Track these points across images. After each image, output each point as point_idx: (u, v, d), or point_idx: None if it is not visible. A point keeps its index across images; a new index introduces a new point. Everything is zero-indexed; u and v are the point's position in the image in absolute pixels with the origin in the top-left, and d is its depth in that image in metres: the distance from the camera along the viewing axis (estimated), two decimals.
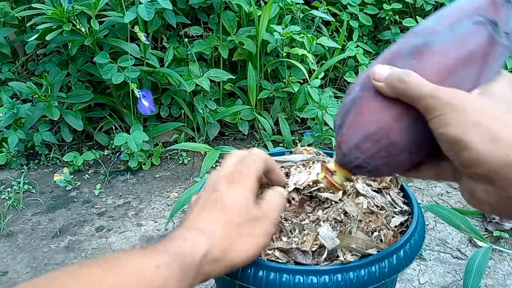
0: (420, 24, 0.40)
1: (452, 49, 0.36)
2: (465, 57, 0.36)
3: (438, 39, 0.37)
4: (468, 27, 0.37)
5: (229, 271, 0.42)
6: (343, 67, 1.51)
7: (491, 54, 0.37)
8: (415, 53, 0.37)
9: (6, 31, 1.35)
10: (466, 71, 0.36)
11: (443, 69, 0.36)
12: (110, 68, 1.15)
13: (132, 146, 1.17)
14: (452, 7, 0.39)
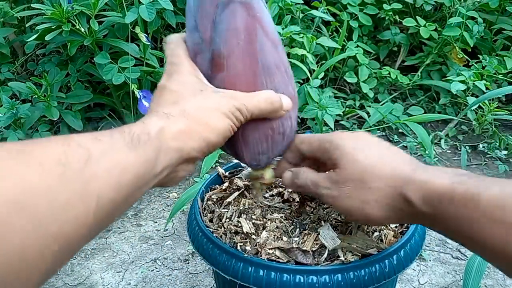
0: (189, 28, 0.44)
1: (237, 49, 0.41)
2: (247, 43, 0.41)
3: (217, 44, 0.42)
4: (224, 18, 0.41)
5: (206, 146, 0.39)
6: (343, 67, 1.51)
7: (253, 12, 0.42)
8: (215, 65, 0.42)
9: (5, 31, 1.34)
10: (258, 48, 0.42)
11: (248, 74, 0.42)
12: (111, 69, 1.15)
13: None
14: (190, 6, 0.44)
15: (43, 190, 0.26)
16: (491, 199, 0.33)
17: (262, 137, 0.45)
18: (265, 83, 0.43)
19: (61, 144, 0.29)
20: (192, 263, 0.96)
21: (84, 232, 0.29)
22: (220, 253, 0.47)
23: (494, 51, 1.54)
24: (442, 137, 1.38)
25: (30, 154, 0.27)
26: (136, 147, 0.33)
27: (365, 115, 1.33)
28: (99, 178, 0.29)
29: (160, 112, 0.38)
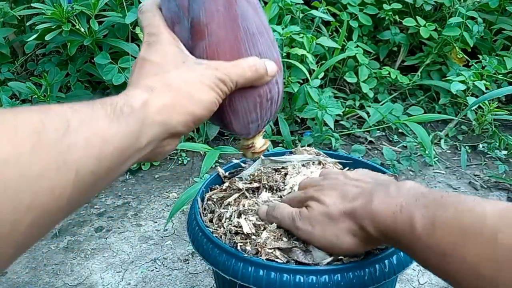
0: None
1: (217, 15, 0.40)
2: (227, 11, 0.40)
3: (195, 12, 0.40)
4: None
5: (191, 120, 0.38)
6: (343, 67, 1.51)
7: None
8: (195, 34, 0.40)
9: (5, 31, 1.34)
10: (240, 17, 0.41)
11: (230, 40, 0.41)
12: (111, 69, 1.15)
13: None
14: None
15: (14, 159, 0.25)
16: (424, 226, 0.36)
17: (251, 105, 0.44)
18: (248, 49, 0.42)
19: (37, 112, 0.28)
20: (192, 263, 0.96)
21: (62, 204, 0.28)
22: (220, 253, 0.47)
23: (494, 51, 1.54)
24: (442, 137, 1.38)
25: (3, 121, 0.26)
26: (118, 119, 0.32)
27: (365, 115, 1.33)
28: (78, 149, 0.28)
29: (143, 84, 0.37)
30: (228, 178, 0.63)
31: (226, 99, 0.42)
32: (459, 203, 0.35)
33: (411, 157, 1.22)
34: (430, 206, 0.36)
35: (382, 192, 0.41)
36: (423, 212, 0.36)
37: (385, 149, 1.24)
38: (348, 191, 0.45)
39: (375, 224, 0.40)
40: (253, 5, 0.42)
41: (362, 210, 0.41)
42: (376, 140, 1.42)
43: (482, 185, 1.21)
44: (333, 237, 0.43)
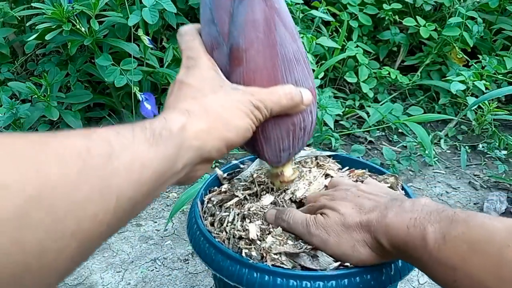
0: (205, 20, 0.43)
1: (256, 41, 0.40)
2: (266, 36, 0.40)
3: (235, 38, 0.40)
4: (242, 10, 0.40)
5: (225, 145, 0.38)
6: (343, 67, 1.51)
7: (271, 2, 0.41)
8: (234, 59, 0.41)
9: (5, 31, 1.34)
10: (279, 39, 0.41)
11: (268, 67, 0.41)
12: (113, 71, 1.15)
13: None
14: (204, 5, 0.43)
15: (62, 185, 0.24)
16: (436, 240, 0.36)
17: (284, 133, 0.44)
18: (285, 76, 0.42)
19: (82, 137, 0.28)
20: (192, 263, 0.96)
21: (103, 230, 0.27)
22: (223, 259, 0.46)
23: (493, 51, 1.54)
24: (442, 137, 1.38)
25: (50, 145, 0.26)
26: (157, 143, 0.32)
27: (364, 115, 1.34)
28: (120, 174, 0.28)
29: (181, 108, 0.37)
30: (227, 180, 0.62)
31: (260, 126, 0.42)
32: (471, 220, 0.36)
33: (411, 157, 1.22)
34: (443, 221, 0.37)
35: (396, 207, 0.42)
36: (435, 227, 0.37)
37: (385, 149, 1.24)
38: (364, 203, 0.45)
39: (388, 237, 0.40)
40: (290, 31, 0.43)
41: (377, 223, 0.41)
42: (376, 140, 1.42)
43: (481, 185, 1.21)
44: (348, 247, 0.43)
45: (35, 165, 0.24)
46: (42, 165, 0.24)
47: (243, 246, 0.47)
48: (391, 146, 1.35)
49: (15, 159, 0.23)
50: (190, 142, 0.35)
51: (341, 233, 0.43)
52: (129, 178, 0.29)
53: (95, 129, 0.29)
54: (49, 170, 0.24)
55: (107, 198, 0.27)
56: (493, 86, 1.43)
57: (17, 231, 0.22)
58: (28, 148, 0.25)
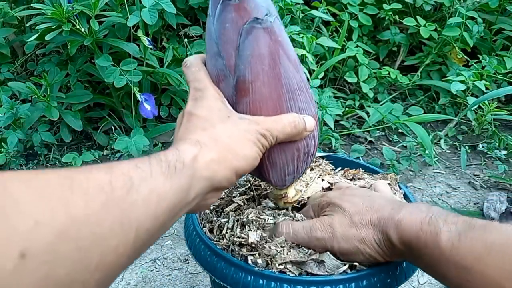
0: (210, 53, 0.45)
1: (262, 74, 0.42)
2: (271, 68, 0.42)
3: (241, 71, 0.42)
4: (248, 45, 0.42)
5: (234, 174, 0.39)
6: (343, 67, 1.51)
7: (275, 36, 0.43)
8: (240, 91, 0.43)
9: (5, 31, 1.34)
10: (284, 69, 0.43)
11: (273, 97, 0.43)
12: (113, 71, 1.15)
13: (133, 152, 1.17)
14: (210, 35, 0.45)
15: (87, 219, 0.26)
16: (449, 239, 0.36)
17: (289, 158, 0.46)
18: (289, 105, 0.44)
19: (104, 172, 0.29)
20: (192, 263, 0.96)
21: (123, 261, 0.28)
22: (227, 266, 0.46)
23: (493, 51, 1.54)
24: (442, 137, 1.38)
25: (76, 180, 0.27)
26: (172, 176, 0.33)
27: (364, 115, 1.34)
28: (138, 207, 0.29)
29: (192, 139, 0.38)
30: None
31: (266, 152, 0.44)
32: (489, 225, 0.36)
33: (410, 157, 1.22)
34: (460, 224, 0.37)
35: (411, 206, 0.42)
36: (450, 227, 0.37)
37: (385, 149, 1.24)
38: (374, 201, 0.45)
39: (399, 232, 0.40)
40: (293, 63, 0.45)
41: (388, 219, 0.41)
42: (376, 140, 1.42)
43: (481, 185, 1.21)
44: (356, 242, 0.43)
45: (63, 202, 0.25)
46: (69, 201, 0.26)
47: (245, 252, 0.47)
48: (391, 146, 1.35)
49: (45, 197, 0.25)
50: (201, 172, 0.36)
51: (349, 228, 0.43)
52: (147, 211, 0.30)
53: (115, 163, 0.31)
54: (76, 205, 0.26)
55: (127, 231, 0.28)
56: (493, 86, 1.43)
57: (48, 266, 0.23)
58: (56, 185, 0.26)
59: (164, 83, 1.31)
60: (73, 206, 0.26)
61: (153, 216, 0.31)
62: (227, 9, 0.42)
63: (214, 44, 0.43)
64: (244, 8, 0.42)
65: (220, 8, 0.43)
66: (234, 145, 0.39)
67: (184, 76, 0.46)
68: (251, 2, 0.42)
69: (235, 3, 0.42)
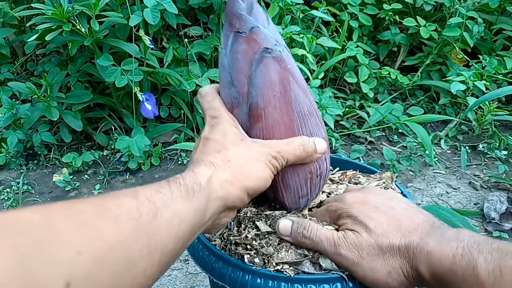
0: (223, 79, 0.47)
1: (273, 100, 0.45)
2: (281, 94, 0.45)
3: (254, 98, 0.45)
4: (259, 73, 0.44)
5: (246, 194, 0.41)
6: (343, 67, 1.51)
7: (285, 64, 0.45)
8: (253, 116, 0.45)
9: (5, 31, 1.34)
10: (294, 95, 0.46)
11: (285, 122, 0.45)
12: (114, 71, 1.15)
13: (135, 151, 1.17)
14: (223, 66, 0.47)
15: (120, 245, 0.28)
16: (488, 271, 0.35)
17: (302, 181, 0.48)
18: (300, 129, 0.46)
19: (131, 198, 0.32)
20: (192, 264, 0.96)
21: (149, 283, 0.30)
22: (224, 266, 0.46)
23: (494, 51, 1.54)
24: (442, 137, 1.38)
25: (108, 208, 0.29)
26: (190, 199, 0.36)
27: (365, 115, 1.34)
28: (162, 230, 0.32)
29: (206, 161, 0.41)
30: None
31: (279, 174, 0.46)
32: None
33: (411, 157, 1.22)
34: (495, 252, 0.36)
35: (438, 234, 0.40)
36: (487, 257, 0.36)
37: (385, 149, 1.24)
38: (401, 221, 0.42)
39: (429, 266, 0.39)
40: (303, 88, 0.47)
41: (418, 250, 0.40)
42: (376, 140, 1.42)
43: (482, 185, 1.21)
44: (383, 274, 0.41)
45: (98, 230, 0.27)
46: (103, 228, 0.28)
47: (243, 252, 0.47)
48: (391, 146, 1.35)
49: (83, 227, 0.27)
50: (216, 193, 0.38)
51: (376, 258, 0.41)
52: (170, 233, 0.32)
53: (139, 188, 0.33)
54: (109, 233, 0.28)
55: (153, 253, 0.30)
56: (493, 86, 1.43)
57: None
58: (92, 214, 0.28)
59: (164, 83, 1.31)
60: (107, 233, 0.28)
61: (175, 238, 0.33)
62: (238, 41, 0.45)
63: (227, 74, 0.46)
64: (254, 40, 0.44)
65: (231, 41, 0.45)
66: (247, 166, 0.41)
67: (199, 104, 0.49)
68: (260, 33, 0.45)
69: (246, 35, 0.44)
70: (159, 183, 0.36)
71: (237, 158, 0.41)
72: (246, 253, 0.46)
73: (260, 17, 0.46)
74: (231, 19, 0.45)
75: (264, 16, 0.47)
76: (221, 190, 0.39)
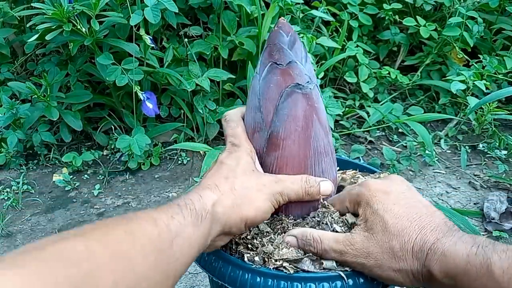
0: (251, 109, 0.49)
1: (294, 133, 0.46)
2: (303, 130, 0.46)
3: (276, 127, 0.46)
4: (286, 105, 0.46)
5: (244, 224, 0.43)
6: (343, 67, 1.51)
7: (312, 102, 0.47)
8: (271, 144, 0.47)
9: (5, 31, 1.34)
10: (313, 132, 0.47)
11: (300, 156, 0.47)
12: (114, 70, 1.15)
13: (135, 150, 1.17)
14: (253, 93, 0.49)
15: (146, 275, 0.31)
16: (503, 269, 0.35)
17: (305, 211, 0.49)
18: (313, 166, 0.48)
19: (152, 225, 0.34)
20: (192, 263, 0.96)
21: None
22: (224, 265, 0.46)
23: (494, 51, 1.54)
24: (442, 137, 1.38)
25: (136, 236, 0.32)
26: (198, 225, 0.38)
27: (365, 114, 1.33)
28: (177, 257, 0.34)
29: (212, 185, 0.43)
30: None
31: (282, 206, 0.47)
32: None
33: (411, 157, 1.22)
34: (509, 251, 0.36)
35: (455, 237, 0.40)
36: (501, 256, 0.36)
37: (385, 149, 1.24)
38: (422, 219, 0.42)
39: (443, 265, 0.39)
40: (324, 128, 0.49)
41: (432, 251, 0.40)
42: (376, 140, 1.42)
43: (482, 185, 1.21)
44: (391, 272, 0.41)
45: (129, 261, 0.30)
46: (133, 258, 0.30)
47: (244, 251, 0.47)
48: (391, 146, 1.35)
49: (118, 258, 0.29)
50: (218, 217, 0.41)
51: (385, 259, 0.41)
52: (182, 260, 0.35)
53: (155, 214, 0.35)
54: (138, 263, 0.30)
55: (169, 280, 0.33)
56: (493, 86, 1.43)
57: None
58: (124, 244, 0.31)
59: (164, 83, 1.31)
60: (137, 264, 0.30)
61: (186, 263, 0.36)
62: (274, 72, 0.47)
63: (256, 99, 0.48)
64: (289, 74, 0.46)
65: (267, 69, 0.47)
66: (249, 196, 0.43)
67: (223, 128, 0.51)
68: (296, 69, 0.47)
69: (282, 68, 0.46)
70: (171, 207, 0.38)
71: (242, 186, 0.43)
72: (246, 252, 0.47)
73: (300, 53, 0.48)
74: (272, 49, 0.47)
75: (304, 53, 0.49)
76: (223, 214, 0.41)
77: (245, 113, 0.51)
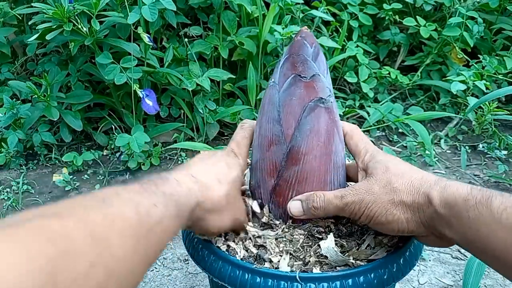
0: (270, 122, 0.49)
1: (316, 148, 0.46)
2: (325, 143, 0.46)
3: (298, 142, 0.46)
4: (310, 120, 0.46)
5: (206, 230, 0.45)
6: (343, 67, 1.51)
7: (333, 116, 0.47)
8: (291, 158, 0.47)
9: (5, 31, 1.34)
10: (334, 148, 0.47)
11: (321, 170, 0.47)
12: (113, 69, 1.15)
13: (135, 148, 1.17)
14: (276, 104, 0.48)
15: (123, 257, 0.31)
16: (502, 203, 0.36)
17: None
18: (332, 179, 0.48)
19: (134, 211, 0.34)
20: (192, 263, 0.96)
21: (140, 282, 0.35)
22: (224, 265, 0.46)
23: (494, 51, 1.54)
24: (442, 137, 1.38)
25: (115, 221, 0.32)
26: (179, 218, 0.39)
27: (365, 114, 1.34)
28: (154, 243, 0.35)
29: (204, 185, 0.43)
30: None
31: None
32: None
33: (411, 157, 1.22)
34: (506, 195, 0.37)
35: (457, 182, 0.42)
36: (503, 194, 0.37)
37: (385, 149, 1.24)
38: (423, 173, 0.44)
39: (443, 195, 0.40)
40: (342, 140, 0.49)
41: (434, 182, 0.41)
42: (376, 140, 1.42)
43: (482, 185, 1.22)
44: (388, 205, 0.42)
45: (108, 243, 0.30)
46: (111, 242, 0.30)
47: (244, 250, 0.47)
48: (391, 146, 1.35)
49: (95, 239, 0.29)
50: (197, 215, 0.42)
51: (381, 191, 0.43)
52: (158, 246, 0.36)
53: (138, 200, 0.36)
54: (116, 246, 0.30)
55: (147, 263, 0.34)
56: (493, 86, 1.43)
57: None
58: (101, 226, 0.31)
59: (164, 83, 1.31)
60: (114, 246, 0.30)
61: (161, 249, 0.37)
62: (297, 84, 0.46)
63: (275, 111, 0.47)
64: (313, 87, 0.46)
65: (290, 82, 0.46)
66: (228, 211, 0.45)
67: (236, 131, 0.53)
68: (319, 82, 0.46)
69: (306, 81, 0.46)
70: (156, 194, 0.38)
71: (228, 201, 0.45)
72: (246, 252, 0.47)
73: (322, 65, 0.48)
74: (295, 61, 0.46)
75: (325, 65, 0.49)
76: (198, 217, 0.42)
77: (259, 122, 0.50)
